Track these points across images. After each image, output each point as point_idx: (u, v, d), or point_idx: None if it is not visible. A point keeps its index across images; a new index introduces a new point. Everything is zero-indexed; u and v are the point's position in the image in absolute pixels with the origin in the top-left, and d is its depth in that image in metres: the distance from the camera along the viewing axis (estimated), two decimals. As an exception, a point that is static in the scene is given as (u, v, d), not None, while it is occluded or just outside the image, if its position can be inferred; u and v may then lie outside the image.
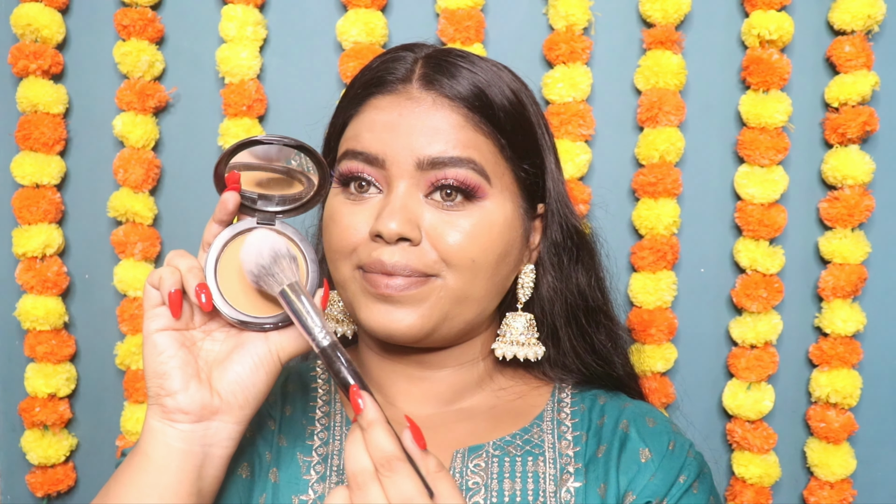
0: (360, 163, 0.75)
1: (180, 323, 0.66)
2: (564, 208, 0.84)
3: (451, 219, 0.74)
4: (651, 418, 0.80)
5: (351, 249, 0.75)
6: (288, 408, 0.82)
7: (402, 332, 0.74)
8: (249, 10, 1.14)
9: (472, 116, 0.75)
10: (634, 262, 1.16)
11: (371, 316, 0.74)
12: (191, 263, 0.68)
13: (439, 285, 0.74)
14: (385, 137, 0.74)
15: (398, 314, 0.73)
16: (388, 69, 0.77)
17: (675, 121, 1.14)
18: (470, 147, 0.74)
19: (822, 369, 1.16)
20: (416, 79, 0.76)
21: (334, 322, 0.85)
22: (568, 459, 0.77)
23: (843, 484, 1.16)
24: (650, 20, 1.14)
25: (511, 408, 0.82)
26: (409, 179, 0.74)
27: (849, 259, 1.14)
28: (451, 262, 0.73)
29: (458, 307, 0.75)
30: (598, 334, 0.86)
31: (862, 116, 1.12)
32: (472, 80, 0.76)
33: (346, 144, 0.77)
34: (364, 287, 0.74)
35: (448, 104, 0.75)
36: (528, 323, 0.82)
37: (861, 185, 1.13)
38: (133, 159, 1.15)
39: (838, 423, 1.15)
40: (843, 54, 1.13)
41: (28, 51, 1.14)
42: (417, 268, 0.73)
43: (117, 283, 1.17)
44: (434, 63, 0.77)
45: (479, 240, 0.74)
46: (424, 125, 0.74)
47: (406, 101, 0.75)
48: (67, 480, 1.20)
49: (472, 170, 0.74)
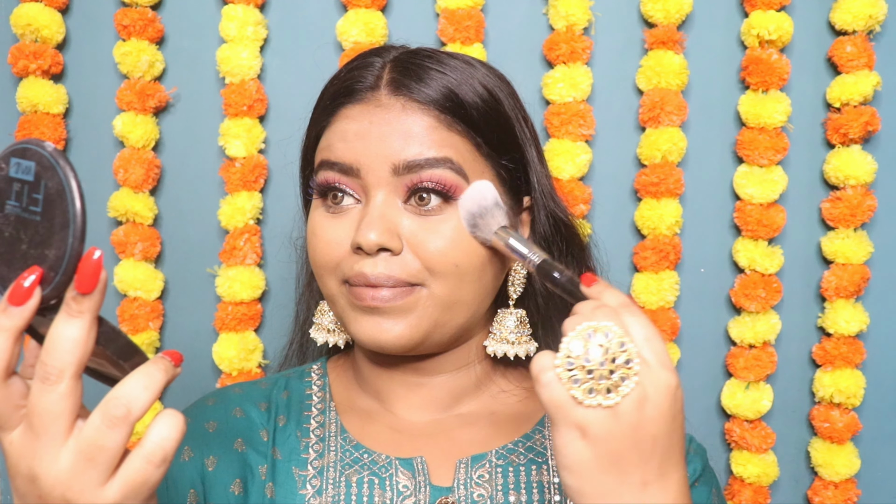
0: (335, 173, 0.73)
1: None
2: (550, 201, 0.82)
3: (431, 224, 0.72)
4: None
5: (335, 264, 0.73)
6: (282, 418, 0.81)
7: (391, 343, 0.72)
8: (250, 9, 1.14)
9: (443, 118, 0.73)
10: (637, 263, 1.16)
11: (360, 329, 0.73)
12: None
13: (425, 294, 0.72)
14: (357, 146, 0.73)
15: (386, 325, 0.72)
16: (356, 77, 0.76)
17: (677, 121, 1.13)
18: (445, 146, 0.73)
19: (826, 369, 1.16)
20: (384, 85, 0.75)
21: (325, 332, 0.83)
22: None
23: (847, 484, 1.16)
24: (652, 20, 1.14)
25: (512, 412, 0.81)
26: (385, 187, 0.72)
27: (851, 259, 1.14)
28: (434, 270, 0.72)
29: (447, 314, 0.73)
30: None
31: (864, 116, 1.12)
32: (442, 82, 0.74)
33: (320, 155, 0.76)
34: (350, 301, 0.73)
35: (418, 107, 0.73)
36: (518, 320, 0.80)
37: (863, 185, 1.13)
38: (133, 159, 1.15)
39: (842, 423, 1.15)
40: (845, 54, 1.12)
41: (28, 51, 1.14)
42: (401, 277, 0.71)
43: (117, 283, 1.17)
44: (402, 67, 0.75)
45: (461, 244, 0.72)
46: (396, 130, 0.72)
47: (375, 108, 0.73)
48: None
49: (450, 169, 0.72)
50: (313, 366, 0.88)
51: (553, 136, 1.15)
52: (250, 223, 1.16)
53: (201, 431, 0.79)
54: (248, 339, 1.17)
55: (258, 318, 1.18)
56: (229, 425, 0.80)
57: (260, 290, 1.17)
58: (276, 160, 1.18)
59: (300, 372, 0.88)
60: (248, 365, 1.16)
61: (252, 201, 1.15)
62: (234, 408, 0.82)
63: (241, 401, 0.83)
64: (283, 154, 1.16)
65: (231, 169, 1.15)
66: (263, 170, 1.16)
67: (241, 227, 1.15)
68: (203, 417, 0.81)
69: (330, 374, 0.86)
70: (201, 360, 1.19)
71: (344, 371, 0.86)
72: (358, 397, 0.83)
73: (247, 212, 1.15)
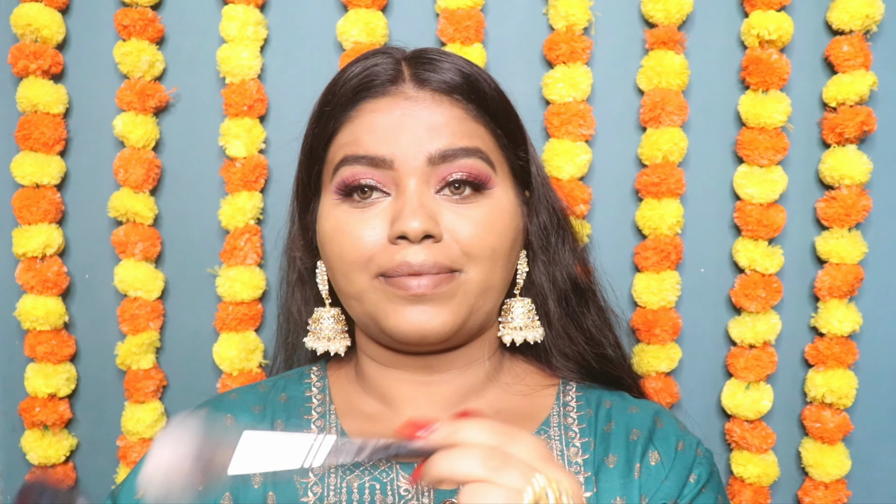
0: (364, 167, 0.74)
1: None
2: (550, 191, 0.86)
3: (466, 211, 0.74)
4: (658, 418, 0.80)
5: (367, 259, 0.73)
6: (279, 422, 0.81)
7: (436, 331, 0.73)
8: (250, 9, 1.14)
9: (470, 108, 0.76)
10: (638, 263, 1.17)
11: (402, 320, 0.73)
12: None
13: (464, 280, 0.74)
14: (389, 138, 0.74)
15: (430, 313, 0.73)
16: (374, 73, 0.77)
17: (678, 121, 1.14)
18: (475, 136, 0.75)
19: (818, 369, 1.17)
20: (407, 78, 0.76)
21: (325, 340, 0.82)
22: (577, 468, 0.76)
23: (838, 484, 1.17)
24: (652, 20, 1.14)
25: (517, 411, 0.81)
26: (418, 178, 0.73)
27: (845, 259, 1.15)
28: (472, 255, 0.73)
29: (482, 299, 0.75)
30: (589, 314, 0.87)
31: (860, 116, 1.13)
32: (462, 74, 0.77)
33: (342, 151, 0.76)
34: (390, 293, 0.73)
35: (447, 99, 0.75)
36: (527, 307, 0.82)
37: (858, 184, 1.14)
38: (133, 159, 1.15)
39: (833, 424, 1.15)
40: (842, 54, 1.13)
41: (28, 51, 1.13)
42: (444, 263, 0.72)
43: (118, 283, 1.16)
44: (421, 62, 0.77)
45: (494, 228, 0.75)
46: (428, 121, 0.74)
47: (404, 100, 0.75)
48: (67, 480, 1.20)
49: (480, 159, 0.75)
50: (312, 367, 0.88)
51: (553, 136, 1.15)
52: (251, 223, 1.16)
53: None
54: (248, 339, 1.17)
55: (258, 318, 1.18)
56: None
57: (260, 290, 1.17)
58: (276, 160, 1.18)
59: (299, 373, 0.88)
60: (248, 365, 1.17)
61: (252, 201, 1.15)
62: (225, 416, 0.82)
63: (234, 407, 0.83)
64: (289, 151, 1.15)
65: (231, 169, 1.15)
66: (264, 170, 1.16)
67: (241, 227, 1.15)
68: None
69: (330, 376, 0.87)
70: (202, 360, 1.20)
71: (345, 374, 0.86)
72: (360, 400, 0.83)
73: (247, 212, 1.15)
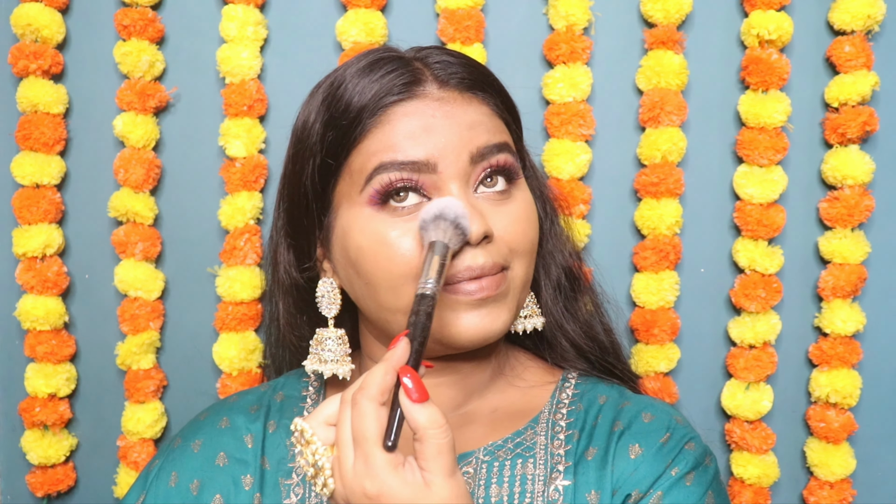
0: (406, 172, 0.72)
1: None
2: (541, 178, 0.88)
3: (505, 207, 0.74)
4: (648, 413, 0.78)
5: (418, 270, 0.70)
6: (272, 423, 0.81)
7: (497, 332, 0.73)
8: (250, 9, 1.14)
9: (495, 105, 0.77)
10: (637, 263, 1.16)
11: (468, 326, 0.72)
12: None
13: (511, 276, 0.74)
14: (429, 141, 0.72)
15: (493, 315, 0.72)
16: (393, 77, 0.74)
17: (677, 121, 1.14)
18: (502, 132, 0.77)
19: (822, 369, 1.16)
20: (429, 80, 0.75)
21: (333, 363, 0.79)
22: (559, 458, 0.76)
23: (843, 484, 1.16)
24: (651, 20, 1.14)
25: (512, 409, 0.81)
26: (459, 179, 0.73)
27: (849, 259, 1.14)
28: (517, 250, 0.74)
29: (524, 292, 0.77)
30: (581, 299, 0.88)
31: (862, 116, 1.12)
32: (480, 71, 0.78)
33: (376, 158, 0.73)
34: (451, 301, 0.72)
35: (474, 97, 0.76)
36: (530, 298, 0.83)
37: (861, 185, 1.14)
38: (133, 159, 1.15)
39: (838, 423, 1.15)
40: (843, 54, 1.13)
41: (28, 51, 1.13)
42: (498, 262, 0.72)
43: (118, 283, 1.17)
44: (439, 61, 0.77)
45: (531, 221, 0.76)
46: (464, 120, 0.74)
47: (434, 101, 0.74)
48: (67, 480, 1.20)
49: (510, 153, 0.76)
50: None
51: (553, 136, 1.15)
52: (250, 223, 1.16)
53: (188, 454, 0.81)
54: (248, 338, 1.17)
55: (258, 317, 1.18)
56: (214, 440, 0.81)
57: (260, 290, 1.17)
58: (276, 160, 1.18)
59: (299, 372, 0.88)
60: (248, 365, 1.17)
61: (252, 201, 1.16)
62: (221, 419, 0.83)
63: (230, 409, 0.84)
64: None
65: (231, 169, 1.15)
66: (264, 170, 1.16)
67: (241, 227, 1.15)
68: (192, 437, 0.83)
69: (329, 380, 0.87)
70: (201, 360, 1.20)
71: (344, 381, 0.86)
72: None
73: (247, 212, 1.15)
